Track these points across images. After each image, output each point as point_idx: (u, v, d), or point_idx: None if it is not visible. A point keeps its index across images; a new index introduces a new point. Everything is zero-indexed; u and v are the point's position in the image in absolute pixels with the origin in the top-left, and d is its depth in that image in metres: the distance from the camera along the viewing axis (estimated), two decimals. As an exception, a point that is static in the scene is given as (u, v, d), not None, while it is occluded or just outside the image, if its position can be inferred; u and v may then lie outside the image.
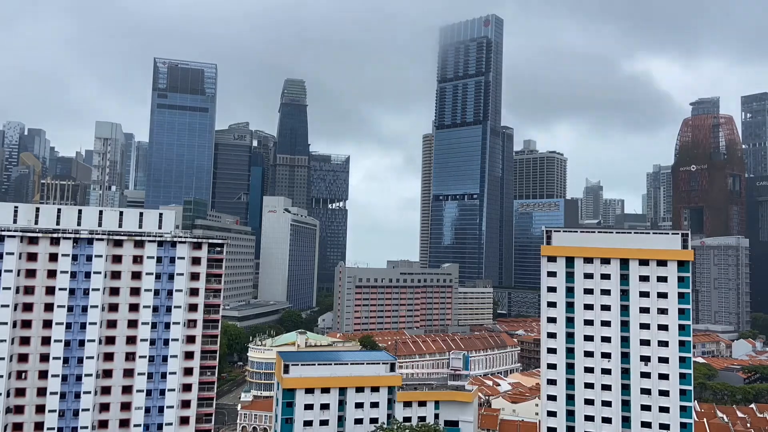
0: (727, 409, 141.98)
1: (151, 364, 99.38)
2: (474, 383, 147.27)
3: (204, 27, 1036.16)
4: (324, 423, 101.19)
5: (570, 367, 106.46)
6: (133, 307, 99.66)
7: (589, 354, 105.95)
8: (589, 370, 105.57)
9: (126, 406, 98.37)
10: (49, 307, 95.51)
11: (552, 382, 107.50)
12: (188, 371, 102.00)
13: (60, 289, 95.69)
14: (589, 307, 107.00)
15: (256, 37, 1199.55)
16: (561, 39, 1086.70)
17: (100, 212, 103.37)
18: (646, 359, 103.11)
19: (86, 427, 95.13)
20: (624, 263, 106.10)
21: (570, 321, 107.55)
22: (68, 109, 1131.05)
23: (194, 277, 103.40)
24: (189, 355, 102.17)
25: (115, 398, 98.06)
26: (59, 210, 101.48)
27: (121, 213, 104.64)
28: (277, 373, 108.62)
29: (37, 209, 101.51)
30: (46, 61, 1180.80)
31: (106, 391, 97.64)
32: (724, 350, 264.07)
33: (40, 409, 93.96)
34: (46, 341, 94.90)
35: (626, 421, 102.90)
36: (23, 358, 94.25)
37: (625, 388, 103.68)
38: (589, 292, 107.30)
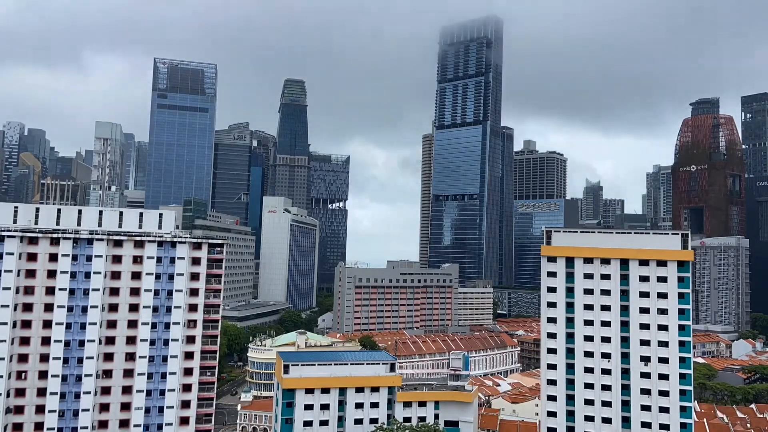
0: (727, 409, 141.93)
1: (151, 364, 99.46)
2: (474, 383, 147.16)
3: (204, 27, 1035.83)
4: (324, 423, 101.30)
5: (570, 368, 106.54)
6: (133, 308, 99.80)
7: (589, 354, 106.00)
8: (589, 370, 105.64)
9: (126, 407, 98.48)
10: (49, 308, 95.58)
11: (552, 382, 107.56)
12: (188, 371, 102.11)
13: (60, 289, 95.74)
14: (589, 307, 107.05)
15: (256, 37, 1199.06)
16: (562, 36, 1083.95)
17: (100, 212, 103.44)
18: (646, 359, 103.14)
19: (86, 427, 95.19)
20: (624, 263, 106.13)
21: (570, 321, 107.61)
22: (68, 109, 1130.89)
23: (194, 277, 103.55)
24: (189, 356, 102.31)
25: (115, 398, 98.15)
26: (59, 210, 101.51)
27: (121, 213, 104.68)
28: (277, 374, 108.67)
29: (37, 209, 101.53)
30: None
31: (106, 391, 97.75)
32: (724, 350, 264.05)
33: (40, 409, 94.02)
34: (46, 341, 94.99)
35: (626, 421, 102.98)
36: (23, 358, 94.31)
37: (625, 389, 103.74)
38: (589, 292, 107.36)
